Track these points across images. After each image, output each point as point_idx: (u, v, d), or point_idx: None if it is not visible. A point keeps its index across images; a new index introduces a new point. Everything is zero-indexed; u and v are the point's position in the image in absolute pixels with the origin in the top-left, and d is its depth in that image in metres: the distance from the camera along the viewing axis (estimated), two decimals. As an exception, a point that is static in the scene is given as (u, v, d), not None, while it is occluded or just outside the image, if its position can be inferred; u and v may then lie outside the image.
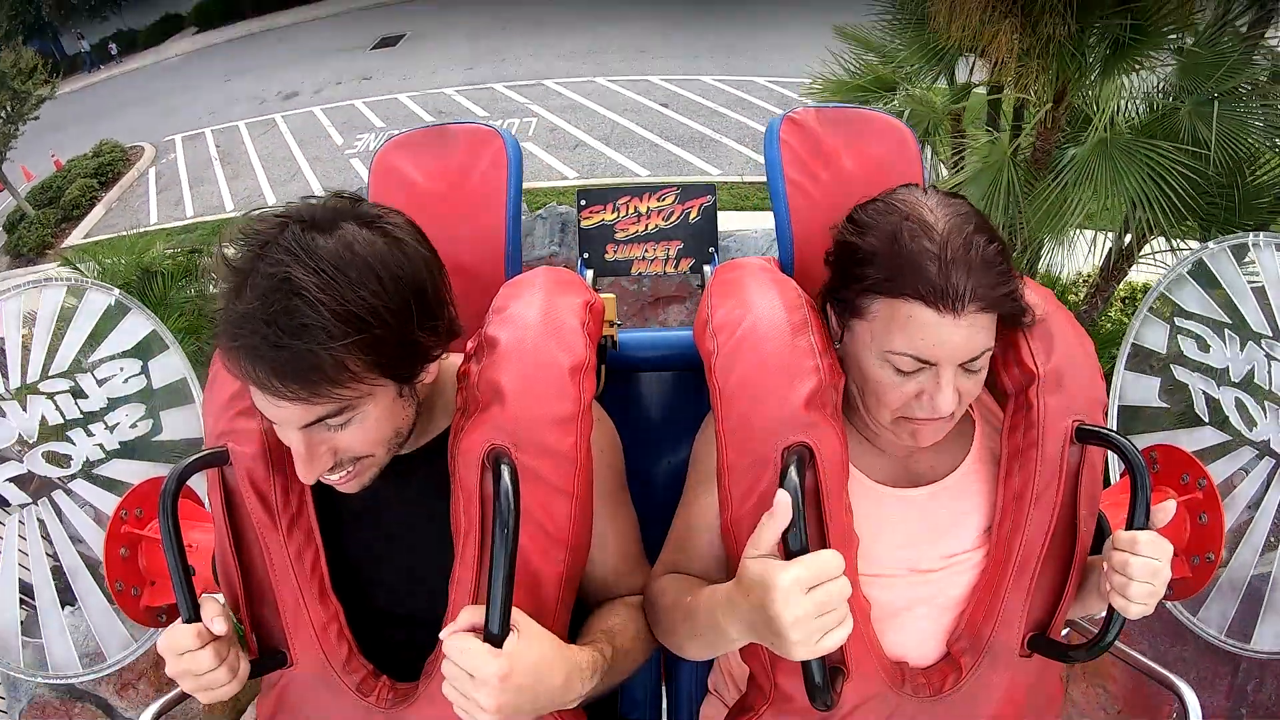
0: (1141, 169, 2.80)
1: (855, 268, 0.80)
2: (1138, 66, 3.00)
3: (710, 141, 8.63)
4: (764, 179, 1.04)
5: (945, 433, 0.83)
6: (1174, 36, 2.93)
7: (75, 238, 9.65)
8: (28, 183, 11.36)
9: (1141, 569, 0.73)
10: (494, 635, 0.69)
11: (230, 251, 0.68)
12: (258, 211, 0.71)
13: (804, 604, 0.66)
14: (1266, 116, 2.83)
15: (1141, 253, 3.39)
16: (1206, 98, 2.82)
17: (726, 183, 7.13)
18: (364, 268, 0.68)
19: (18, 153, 10.63)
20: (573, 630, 0.87)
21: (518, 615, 0.73)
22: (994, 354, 0.81)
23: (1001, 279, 0.75)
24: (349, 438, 0.73)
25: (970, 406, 0.91)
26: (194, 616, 0.75)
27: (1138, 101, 3.08)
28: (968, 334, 0.75)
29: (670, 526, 0.95)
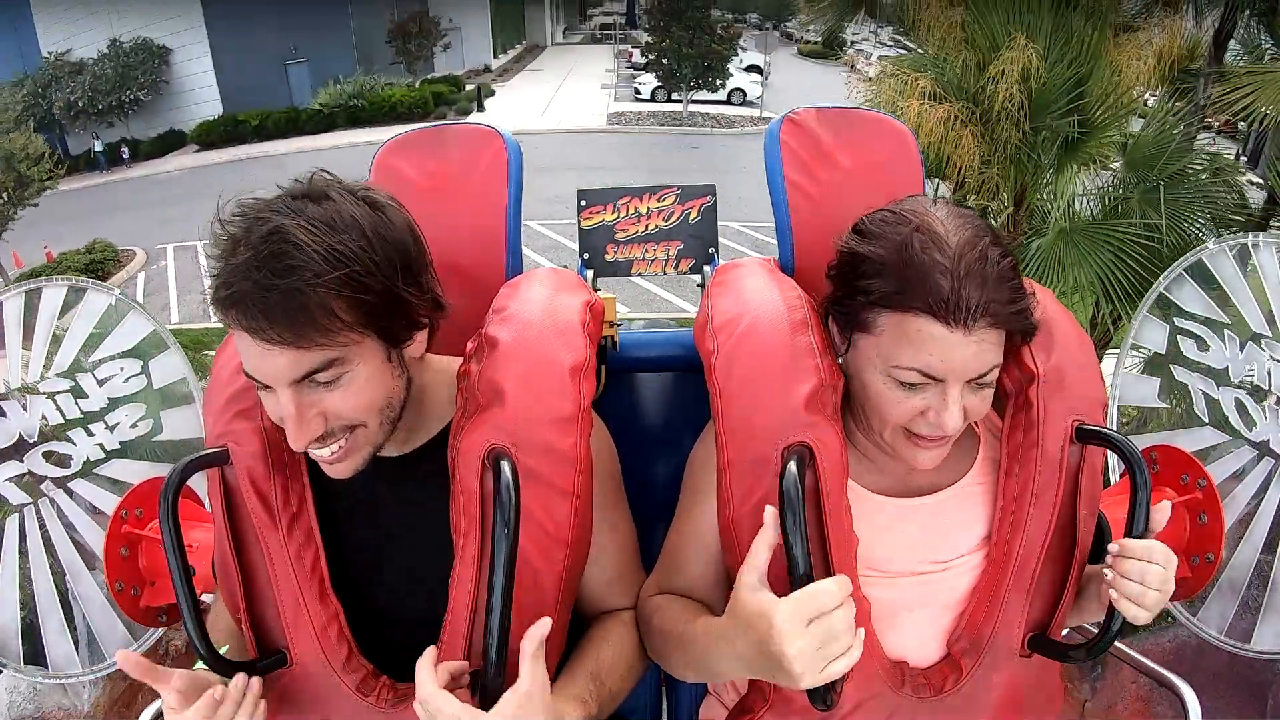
0: (1102, 249, 3.09)
1: (861, 280, 0.77)
2: (1088, 161, 3.32)
3: (690, 284, 9.15)
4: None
5: (944, 457, 0.82)
6: (1115, 132, 3.26)
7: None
8: (17, 269, 11.62)
9: (1157, 577, 0.73)
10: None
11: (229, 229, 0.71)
12: (248, 195, 0.74)
13: (806, 637, 0.65)
14: (1210, 210, 3.12)
15: (1109, 348, 3.66)
16: (1153, 185, 3.10)
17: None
18: (351, 224, 0.71)
19: (13, 236, 10.84)
20: (570, 637, 0.87)
21: (527, 666, 0.70)
22: None
23: (1014, 295, 0.74)
24: (339, 400, 0.74)
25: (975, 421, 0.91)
26: (194, 616, 0.75)
27: (1091, 201, 3.37)
28: (977, 350, 0.73)
29: (663, 547, 0.94)
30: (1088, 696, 1.79)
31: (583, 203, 1.56)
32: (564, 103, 21.57)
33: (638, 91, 21.41)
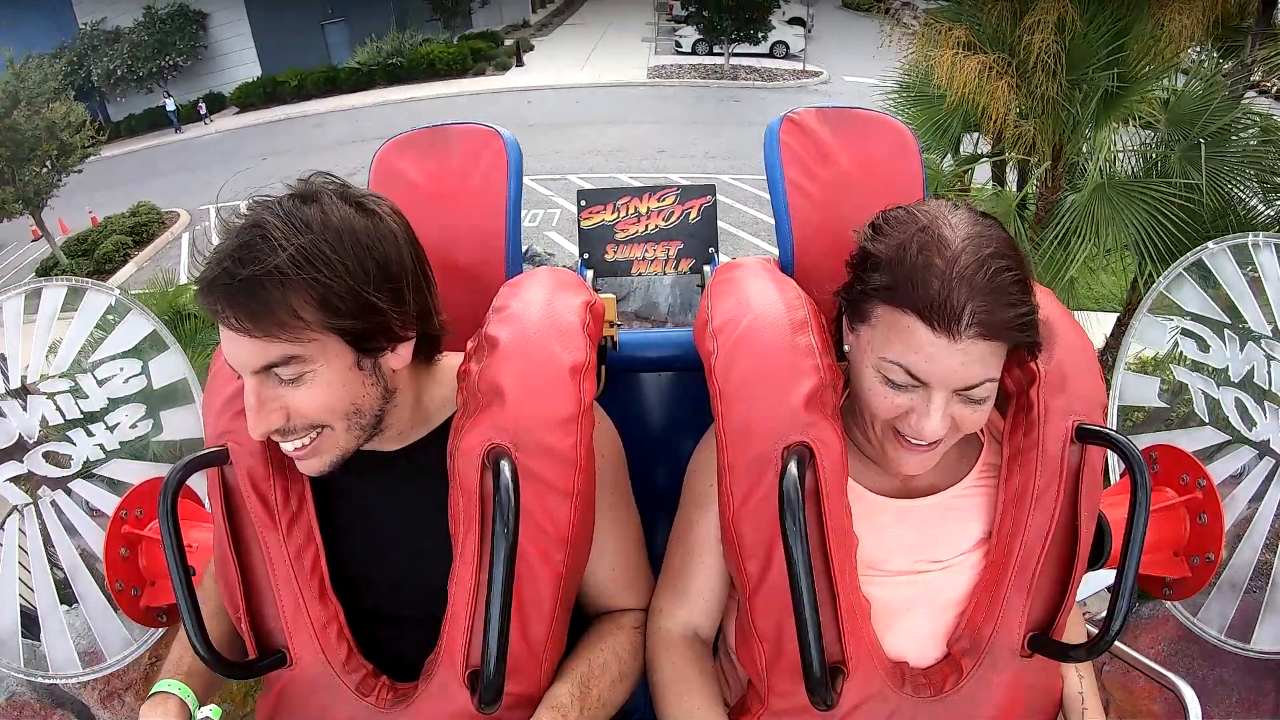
0: (1139, 207, 2.96)
1: (865, 272, 0.79)
2: (1127, 117, 3.18)
3: (728, 235, 9.49)
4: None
5: (931, 465, 0.82)
6: (1157, 85, 3.14)
7: (106, 290, 10.36)
8: (63, 235, 11.87)
9: None
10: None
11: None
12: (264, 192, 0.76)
13: None
14: (1257, 173, 3.00)
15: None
16: (1194, 142, 2.97)
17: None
18: (332, 230, 0.72)
19: (57, 203, 11.07)
20: (571, 636, 0.87)
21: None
22: None
23: (1011, 308, 0.71)
24: (300, 397, 0.74)
25: None
26: (194, 616, 0.76)
27: (1130, 157, 3.25)
28: (964, 360, 0.72)
29: (665, 557, 0.94)
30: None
31: (583, 203, 1.56)
32: (604, 57, 21.39)
33: (678, 45, 21.16)
